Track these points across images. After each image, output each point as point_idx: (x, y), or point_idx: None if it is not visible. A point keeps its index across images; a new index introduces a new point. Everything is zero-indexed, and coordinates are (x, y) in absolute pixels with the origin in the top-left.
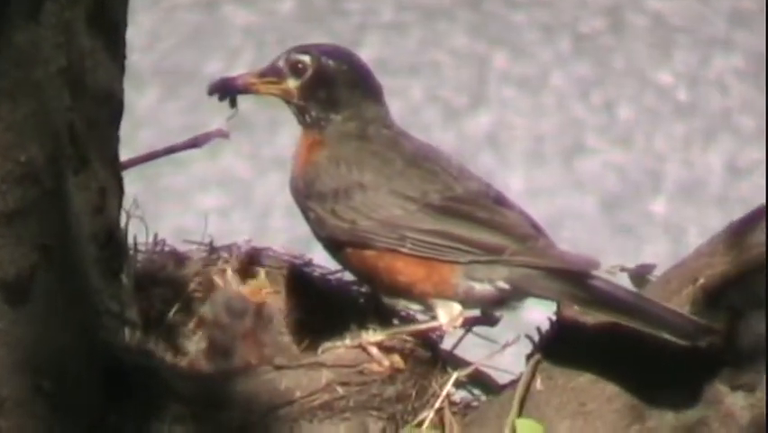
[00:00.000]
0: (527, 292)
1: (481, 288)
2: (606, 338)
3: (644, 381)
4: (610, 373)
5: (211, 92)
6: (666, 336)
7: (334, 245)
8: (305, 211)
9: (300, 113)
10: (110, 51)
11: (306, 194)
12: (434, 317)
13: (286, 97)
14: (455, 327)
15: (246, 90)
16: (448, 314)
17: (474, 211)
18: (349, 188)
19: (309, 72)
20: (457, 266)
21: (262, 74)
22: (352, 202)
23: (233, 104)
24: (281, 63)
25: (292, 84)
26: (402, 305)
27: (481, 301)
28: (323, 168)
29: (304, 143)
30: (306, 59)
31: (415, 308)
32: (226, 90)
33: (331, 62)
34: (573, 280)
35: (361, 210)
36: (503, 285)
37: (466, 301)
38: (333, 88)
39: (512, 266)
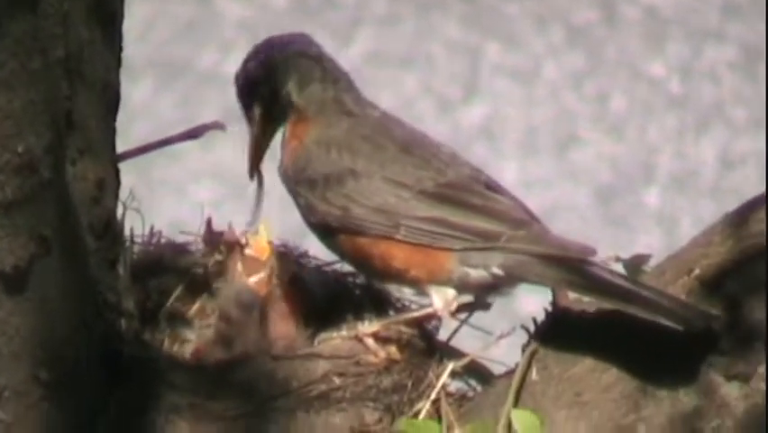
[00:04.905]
0: (523, 279)
1: (477, 274)
2: (601, 328)
3: (640, 370)
4: (606, 362)
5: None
6: (664, 321)
7: (326, 232)
8: (294, 197)
9: (280, 116)
10: (107, 43)
11: (295, 180)
12: (428, 303)
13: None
14: (450, 312)
15: (257, 156)
16: (442, 299)
17: (468, 197)
18: (341, 174)
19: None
20: (452, 252)
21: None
22: (345, 189)
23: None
24: (240, 101)
25: (257, 112)
26: (396, 291)
27: (476, 287)
28: (313, 153)
29: (290, 127)
30: (238, 78)
31: (408, 295)
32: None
33: (252, 64)
34: (570, 266)
35: (353, 197)
36: (498, 271)
37: (461, 287)
38: (276, 81)
39: (508, 253)
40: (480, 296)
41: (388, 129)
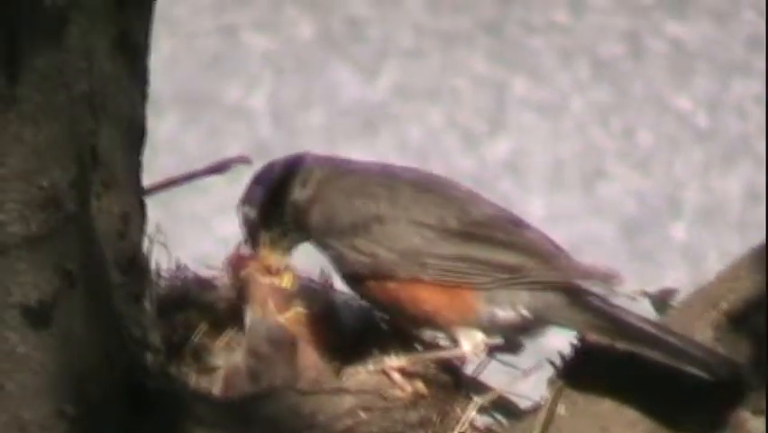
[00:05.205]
0: (551, 321)
1: (505, 314)
2: (628, 363)
3: (667, 405)
4: (633, 397)
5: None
6: (688, 369)
7: (356, 281)
8: (325, 250)
9: (299, 230)
10: (132, 77)
11: (324, 233)
12: (457, 346)
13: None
14: (478, 356)
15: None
16: (471, 342)
17: (493, 233)
18: (367, 221)
19: (256, 215)
20: (479, 291)
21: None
22: (372, 235)
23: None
24: (247, 237)
25: (266, 237)
26: (426, 333)
27: (505, 328)
28: (337, 204)
29: (306, 200)
30: (246, 211)
31: (438, 334)
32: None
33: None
34: (597, 311)
35: (381, 242)
36: (526, 313)
37: (490, 328)
38: (282, 199)
39: (534, 290)
40: (510, 338)
41: (395, 174)
